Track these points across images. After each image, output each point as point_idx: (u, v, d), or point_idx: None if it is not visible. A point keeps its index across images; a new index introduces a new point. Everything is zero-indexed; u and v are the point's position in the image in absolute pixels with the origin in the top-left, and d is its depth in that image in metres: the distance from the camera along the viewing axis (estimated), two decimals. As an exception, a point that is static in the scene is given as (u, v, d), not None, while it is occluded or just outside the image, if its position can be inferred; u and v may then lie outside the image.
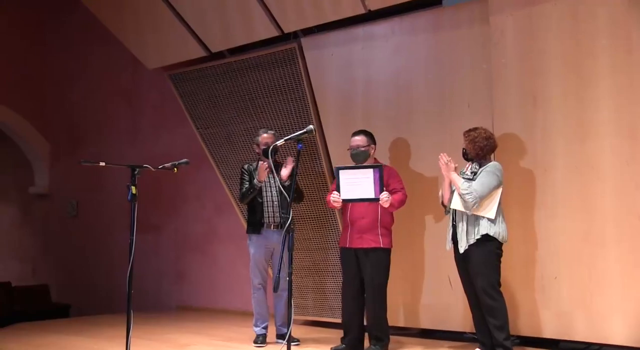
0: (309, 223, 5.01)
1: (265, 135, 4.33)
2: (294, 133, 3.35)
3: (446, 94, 4.37)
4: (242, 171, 4.37)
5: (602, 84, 3.74)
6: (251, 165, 4.38)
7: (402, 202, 3.88)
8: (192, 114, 5.64)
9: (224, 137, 5.47)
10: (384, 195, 3.67)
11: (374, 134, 4.15)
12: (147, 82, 6.64)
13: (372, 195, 3.66)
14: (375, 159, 4.12)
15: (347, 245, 3.96)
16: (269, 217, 4.27)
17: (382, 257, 3.85)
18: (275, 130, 5.05)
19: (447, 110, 4.36)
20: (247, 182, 4.28)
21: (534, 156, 3.96)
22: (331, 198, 3.79)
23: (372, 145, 4.00)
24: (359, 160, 3.98)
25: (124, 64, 6.80)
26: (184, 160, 3.66)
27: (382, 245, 3.84)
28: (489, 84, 4.15)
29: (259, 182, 4.22)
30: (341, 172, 3.75)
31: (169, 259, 6.50)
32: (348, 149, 4.05)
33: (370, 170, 3.68)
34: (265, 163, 4.17)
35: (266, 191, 4.30)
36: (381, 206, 3.80)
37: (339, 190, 3.77)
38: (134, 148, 6.75)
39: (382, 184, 3.65)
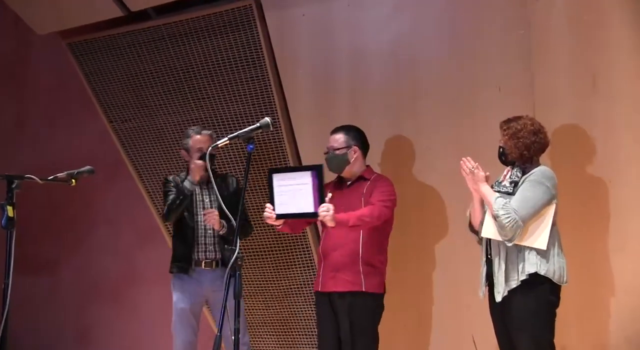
0: (270, 258, 4.98)
1: (198, 136, 4.34)
2: (243, 129, 3.41)
3: (467, 71, 4.33)
4: (165, 184, 4.41)
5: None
6: (178, 176, 4.42)
7: (367, 218, 3.80)
8: (103, 100, 5.50)
9: (149, 133, 5.39)
10: (323, 209, 3.64)
11: (365, 130, 4.14)
12: (37, 55, 6.48)
13: (309, 209, 3.67)
14: (368, 167, 4.14)
15: (320, 289, 4.01)
16: (200, 251, 4.27)
17: (366, 306, 3.87)
18: (223, 125, 4.97)
19: (468, 94, 4.32)
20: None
21: (593, 161, 3.95)
22: (264, 213, 3.81)
23: (354, 147, 4.04)
24: (333, 167, 4.06)
25: (1, 27, 6.63)
26: (86, 168, 3.66)
27: (364, 289, 3.85)
28: (529, 58, 4.11)
29: (193, 184, 4.24)
30: (275, 176, 3.79)
31: (69, 309, 6.35)
32: (325, 153, 4.10)
33: (308, 173, 3.70)
34: (200, 162, 4.18)
35: (198, 213, 4.30)
36: (364, 233, 3.88)
37: (272, 202, 3.77)
38: (20, 150, 6.57)
39: (322, 193, 3.67)
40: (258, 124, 3.45)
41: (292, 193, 3.73)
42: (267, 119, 3.45)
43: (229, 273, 3.26)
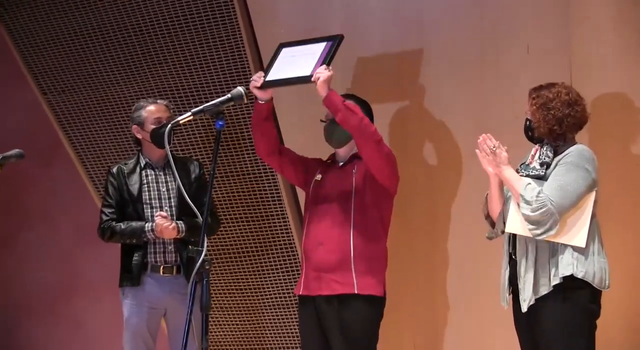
0: (245, 261, 5.01)
1: (152, 106, 4.35)
2: (211, 101, 3.42)
3: (488, 28, 4.37)
4: (108, 180, 4.40)
5: None
6: (125, 165, 4.39)
7: (365, 120, 3.86)
8: (34, 66, 5.50)
9: (92, 107, 5.38)
10: (320, 69, 3.73)
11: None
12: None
13: (306, 72, 3.77)
14: None
15: (302, 292, 4.05)
16: (157, 252, 4.29)
17: (360, 313, 3.88)
18: (185, 97, 5.04)
19: (490, 56, 4.35)
20: (110, 204, 4.33)
21: (641, 139, 3.98)
22: (252, 80, 3.95)
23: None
24: (335, 137, 4.06)
25: None
26: (14, 151, 3.67)
27: (357, 291, 3.86)
28: (566, 12, 4.15)
29: (156, 237, 4.24)
30: (284, 49, 3.97)
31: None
32: (322, 120, 4.10)
33: (323, 44, 3.83)
34: (165, 222, 4.17)
35: (151, 208, 4.33)
36: (355, 219, 3.89)
37: (267, 71, 3.93)
38: None
39: (329, 59, 3.78)
40: (229, 96, 3.45)
41: (295, 61, 3.80)
42: (241, 89, 3.45)
43: (194, 280, 3.25)
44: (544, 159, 3.56)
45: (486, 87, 4.32)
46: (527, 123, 3.63)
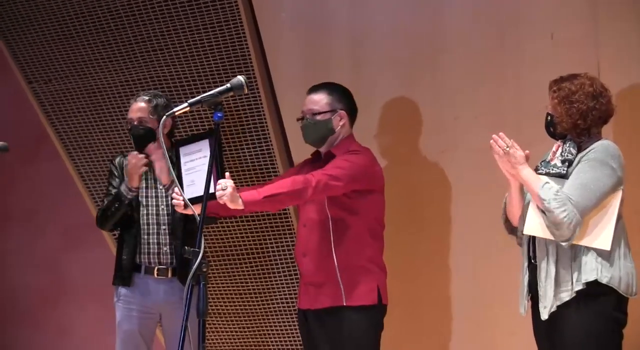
0: (246, 264, 5.03)
1: (134, 104, 4.43)
2: (208, 91, 3.43)
3: (508, 14, 4.38)
4: (110, 170, 4.50)
5: None
6: (126, 157, 4.48)
7: (286, 189, 3.76)
8: (19, 54, 5.50)
9: (81, 98, 5.38)
10: (219, 187, 3.66)
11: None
12: None
13: (210, 188, 3.71)
14: (349, 137, 4.08)
15: (299, 305, 4.11)
16: (151, 253, 4.32)
17: (352, 326, 3.87)
18: (181, 87, 5.08)
19: (510, 46, 4.36)
20: (112, 193, 4.45)
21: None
22: (172, 201, 3.92)
23: (341, 112, 4.05)
24: (311, 137, 4.08)
25: None
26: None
27: (346, 303, 3.87)
28: None
29: (131, 190, 4.32)
30: (181, 150, 3.95)
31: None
32: (298, 119, 4.12)
33: (206, 142, 3.86)
34: (139, 155, 4.31)
35: (147, 206, 4.39)
36: (333, 227, 3.90)
37: (181, 184, 3.91)
38: None
39: (220, 166, 3.75)
40: (228, 85, 3.43)
41: (199, 169, 3.83)
42: (240, 78, 3.45)
43: (190, 283, 3.25)
44: (567, 156, 3.55)
45: (505, 79, 4.32)
46: (548, 118, 3.61)
